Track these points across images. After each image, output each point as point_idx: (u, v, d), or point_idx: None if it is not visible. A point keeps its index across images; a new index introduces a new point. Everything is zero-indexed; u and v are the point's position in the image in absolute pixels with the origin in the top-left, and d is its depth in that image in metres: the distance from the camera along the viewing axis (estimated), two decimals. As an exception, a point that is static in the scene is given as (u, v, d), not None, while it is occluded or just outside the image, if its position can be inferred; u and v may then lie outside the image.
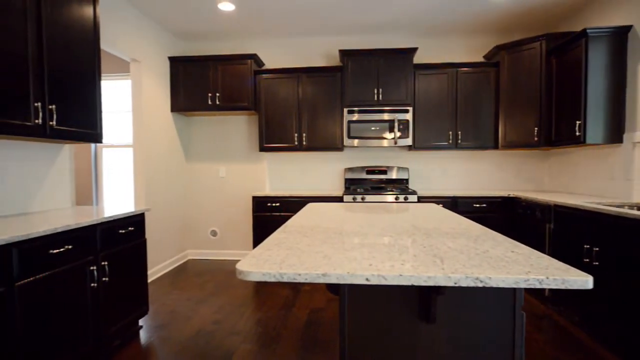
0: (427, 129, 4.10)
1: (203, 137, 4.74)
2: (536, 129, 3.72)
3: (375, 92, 4.04)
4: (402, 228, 1.67)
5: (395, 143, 4.00)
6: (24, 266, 1.69)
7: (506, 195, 3.79)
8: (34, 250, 1.74)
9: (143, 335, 2.64)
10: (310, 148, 4.20)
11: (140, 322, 2.83)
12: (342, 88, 4.14)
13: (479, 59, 4.37)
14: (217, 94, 4.16)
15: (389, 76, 4.03)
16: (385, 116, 4.02)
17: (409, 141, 4.01)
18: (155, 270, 3.99)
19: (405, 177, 4.35)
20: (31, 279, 1.72)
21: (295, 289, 3.58)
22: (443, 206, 3.77)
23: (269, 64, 4.59)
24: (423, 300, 1.23)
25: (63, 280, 1.92)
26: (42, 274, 1.78)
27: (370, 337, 1.25)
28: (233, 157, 4.70)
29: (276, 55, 4.59)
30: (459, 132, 4.07)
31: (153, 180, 3.94)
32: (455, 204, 3.84)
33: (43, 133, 2.12)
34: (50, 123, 2.17)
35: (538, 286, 0.94)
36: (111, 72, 4.87)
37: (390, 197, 3.84)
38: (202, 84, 4.19)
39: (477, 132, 4.06)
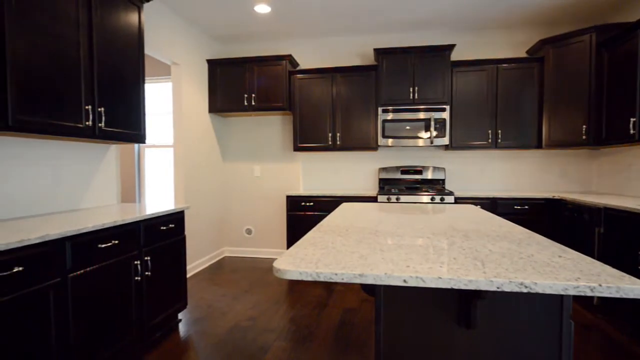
0: (464, 127, 3.97)
1: (239, 137, 4.85)
2: (584, 127, 3.51)
3: (411, 90, 3.97)
4: (440, 229, 1.63)
5: (431, 142, 3.91)
6: (76, 259, 1.80)
7: (550, 196, 3.60)
8: (85, 244, 1.85)
9: (182, 328, 2.74)
10: (344, 148, 4.19)
11: (180, 315, 2.94)
12: (376, 87, 4.09)
13: (522, 54, 4.18)
14: (253, 95, 4.24)
15: (425, 74, 3.94)
16: (421, 115, 3.94)
17: (445, 140, 3.91)
18: (193, 266, 4.13)
19: (442, 177, 4.24)
20: (82, 271, 1.83)
21: (328, 289, 3.59)
22: (482, 208, 3.64)
23: (303, 64, 4.63)
24: (462, 304, 1.19)
25: (110, 273, 2.03)
26: (91, 267, 1.89)
27: (406, 339, 1.23)
28: (268, 157, 4.78)
29: (310, 56, 4.61)
30: (499, 131, 3.91)
31: (192, 179, 4.08)
32: (494, 205, 3.69)
33: (92, 134, 2.26)
34: (99, 125, 2.30)
35: (589, 294, 0.88)
36: (150, 75, 5.08)
37: (426, 198, 3.76)
38: (238, 85, 4.29)
39: (519, 130, 3.88)
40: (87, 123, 2.21)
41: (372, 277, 0.97)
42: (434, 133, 3.91)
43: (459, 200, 3.75)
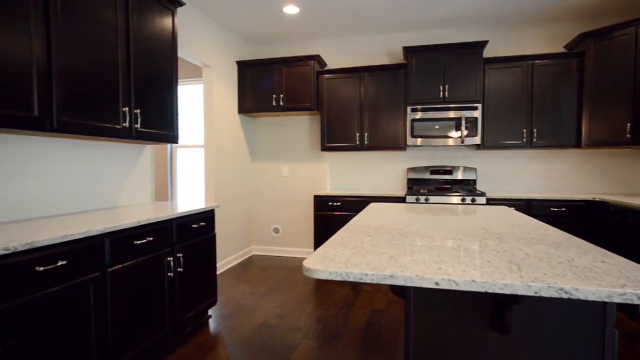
0: (497, 126, 3.85)
1: (267, 137, 4.91)
2: (629, 125, 3.31)
3: (441, 89, 3.88)
4: (472, 231, 1.58)
5: (462, 142, 3.81)
6: (114, 254, 1.88)
7: (590, 198, 3.42)
8: (122, 240, 1.93)
9: (212, 323, 2.80)
10: (372, 147, 4.16)
11: (210, 311, 3.01)
12: (405, 86, 4.03)
13: (560, 49, 3.99)
14: (281, 95, 4.28)
15: (456, 72, 3.85)
16: (451, 114, 3.84)
17: (477, 140, 3.80)
18: (222, 263, 4.22)
19: (473, 177, 4.12)
20: (119, 266, 1.91)
21: (355, 289, 3.57)
22: (515, 209, 3.51)
23: (331, 64, 4.63)
24: (496, 309, 1.15)
25: (144, 269, 2.10)
26: (128, 262, 1.97)
27: (436, 342, 1.21)
28: (295, 157, 4.81)
29: (338, 55, 4.61)
30: (534, 130, 3.76)
31: (221, 178, 4.17)
32: (529, 207, 3.55)
33: (129, 135, 2.35)
34: (135, 126, 2.39)
35: (636, 302, 0.83)
36: (180, 77, 5.23)
37: (456, 199, 3.67)
38: (267, 85, 4.34)
39: (556, 129, 3.72)
40: (124, 124, 2.30)
41: (402, 279, 0.95)
42: (465, 132, 3.80)
43: (491, 202, 3.64)
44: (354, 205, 4.00)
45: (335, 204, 4.05)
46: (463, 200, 3.64)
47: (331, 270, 1.00)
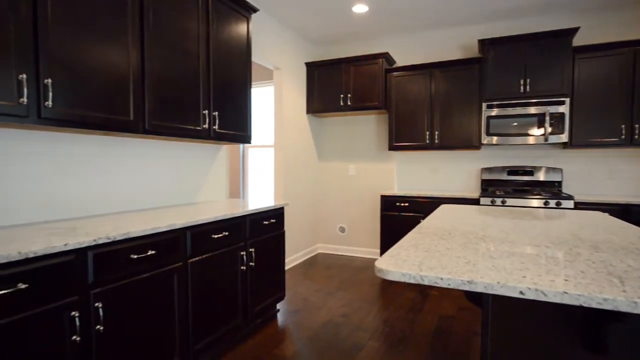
0: (589, 122, 3.45)
1: (334, 137, 4.95)
2: None
3: (522, 82, 3.58)
4: (560, 238, 1.44)
5: (545, 140, 3.48)
6: (194, 246, 2.03)
7: None
8: (202, 234, 2.08)
9: (280, 317, 2.90)
10: (442, 147, 3.98)
11: (278, 306, 3.12)
12: (480, 81, 3.80)
13: (669, 32, 3.47)
14: (349, 95, 4.29)
15: (539, 64, 3.53)
16: (533, 109, 3.53)
17: (563, 137, 3.45)
18: (289, 260, 4.34)
19: (558, 179, 3.75)
20: (199, 257, 2.06)
21: (422, 293, 3.45)
22: (610, 215, 3.12)
23: (400, 61, 4.52)
24: (589, 325, 1.03)
25: (220, 262, 2.24)
26: (206, 255, 2.12)
27: (517, 356, 1.12)
28: (362, 156, 4.79)
29: (407, 52, 4.48)
30: (636, 126, 3.31)
31: (290, 177, 4.29)
32: (627, 213, 3.14)
33: (208, 136, 2.52)
34: (214, 127, 2.56)
35: None
36: (253, 79, 5.47)
37: (538, 202, 3.36)
38: (334, 85, 4.38)
39: (664, 124, 3.23)
40: (204, 126, 2.47)
41: (482, 285, 0.90)
42: (549, 129, 3.47)
43: (579, 206, 3.28)
44: (422, 206, 3.86)
45: (403, 204, 3.95)
46: (546, 203, 3.33)
47: (404, 272, 0.97)
